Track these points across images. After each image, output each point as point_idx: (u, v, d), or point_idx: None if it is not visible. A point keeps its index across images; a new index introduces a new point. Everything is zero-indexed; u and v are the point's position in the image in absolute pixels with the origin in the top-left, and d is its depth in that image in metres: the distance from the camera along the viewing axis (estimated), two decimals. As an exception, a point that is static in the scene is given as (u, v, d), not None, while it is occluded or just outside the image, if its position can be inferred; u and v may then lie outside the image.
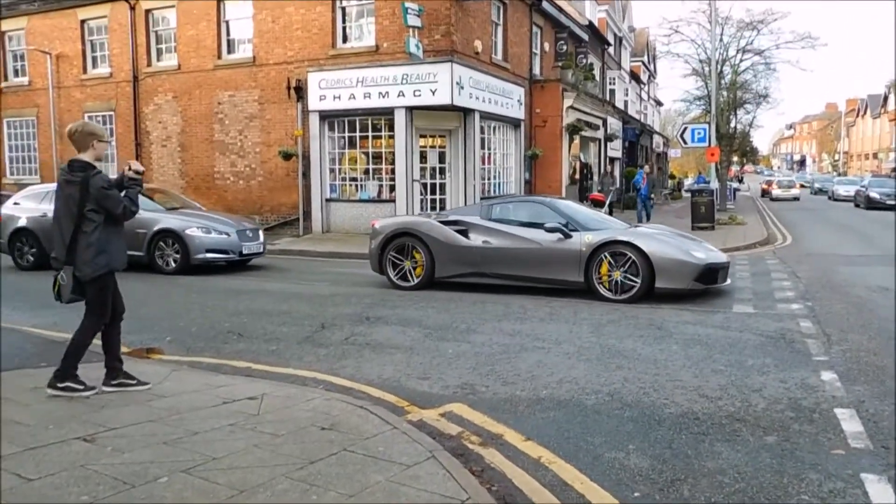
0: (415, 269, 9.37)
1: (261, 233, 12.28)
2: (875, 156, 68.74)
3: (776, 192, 42.73)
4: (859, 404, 4.53)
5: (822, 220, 23.94)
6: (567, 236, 8.65)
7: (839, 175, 62.30)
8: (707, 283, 8.39)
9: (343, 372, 5.45)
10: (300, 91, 17.56)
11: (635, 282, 8.18)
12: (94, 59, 21.23)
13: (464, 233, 9.32)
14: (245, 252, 11.63)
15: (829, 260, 12.33)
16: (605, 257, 8.36)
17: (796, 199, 41.08)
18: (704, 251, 8.73)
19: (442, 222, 9.46)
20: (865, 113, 73.44)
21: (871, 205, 29.08)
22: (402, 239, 9.47)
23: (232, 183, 19.14)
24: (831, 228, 20.38)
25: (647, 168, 22.45)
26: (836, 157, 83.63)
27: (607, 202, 19.69)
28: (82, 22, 21.11)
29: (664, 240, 8.72)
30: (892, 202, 28.25)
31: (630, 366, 5.52)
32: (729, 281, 8.98)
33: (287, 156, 17.53)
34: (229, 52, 19.09)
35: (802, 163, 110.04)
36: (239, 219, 12.78)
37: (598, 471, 3.61)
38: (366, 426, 4.03)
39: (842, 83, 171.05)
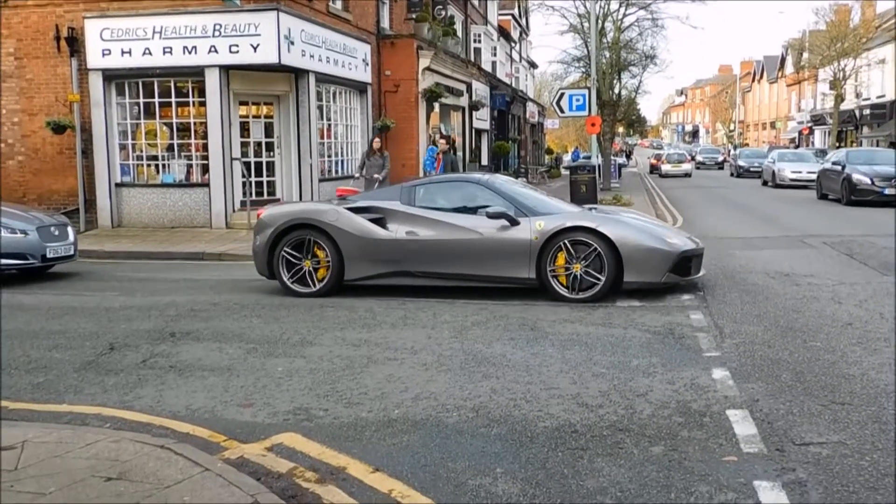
0: (317, 269, 9.09)
1: (70, 230, 11.49)
2: (773, 125, 75.23)
3: (666, 167, 45.99)
4: (753, 403, 4.93)
5: (718, 199, 25.85)
6: (514, 223, 8.58)
7: (738, 146, 67.36)
8: (682, 274, 8.64)
9: (139, 404, 5.24)
10: (74, 43, 16.58)
11: (599, 277, 8.28)
12: None
13: (380, 222, 9.10)
14: (50, 256, 10.86)
15: (724, 244, 13.31)
16: (562, 247, 8.38)
17: (688, 174, 44.42)
18: (678, 236, 9.03)
19: (350, 209, 9.19)
20: (762, 77, 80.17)
21: (858, 196, 20.75)
22: (299, 232, 9.11)
23: (-23, 164, 17.73)
24: (727, 208, 22.05)
25: (442, 143, 17.75)
26: (732, 126, 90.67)
27: None
28: None
29: (633, 224, 8.91)
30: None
31: (499, 374, 5.68)
32: (703, 272, 9.23)
33: (59, 128, 16.49)
34: (-33, -15, 17.64)
35: (695, 134, 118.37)
36: (37, 211, 11.98)
37: (460, 502, 3.68)
38: (167, 471, 3.88)
39: (736, 43, 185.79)
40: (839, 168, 22.17)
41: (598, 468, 4.02)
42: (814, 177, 27.04)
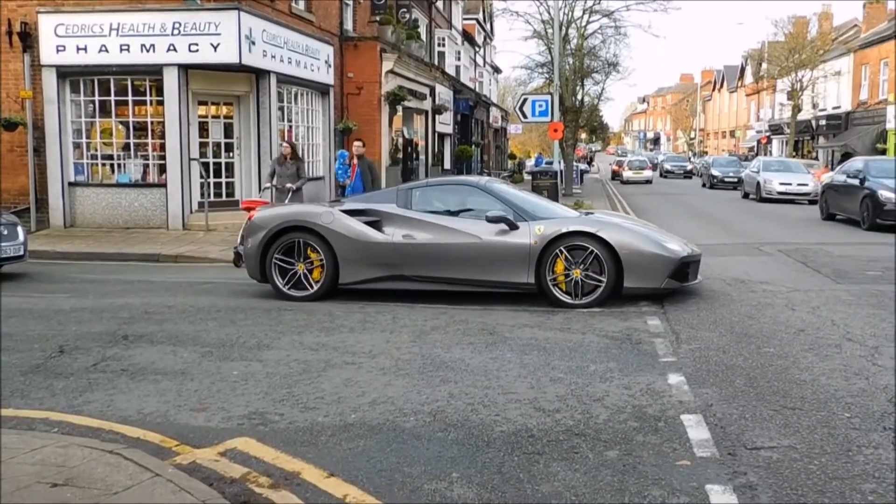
0: (311, 273, 8.95)
1: (20, 230, 11.18)
2: (732, 134, 76.45)
3: (627, 174, 46.50)
4: (707, 408, 5.00)
5: (678, 206, 26.15)
6: (513, 227, 8.56)
7: (699, 154, 68.31)
8: (681, 280, 8.70)
9: (88, 408, 5.17)
10: (27, 38, 16.29)
11: (600, 281, 8.31)
12: None
13: (376, 225, 9.00)
14: None
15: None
16: (561, 252, 8.38)
17: (648, 181, 44.95)
18: (677, 242, 9.09)
19: (346, 212, 9.09)
20: (722, 86, 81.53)
21: (886, 218, 16.30)
22: (292, 235, 8.96)
23: (-77, 162, 17.31)
24: (687, 214, 22.32)
25: (357, 146, 14.57)
26: (693, 134, 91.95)
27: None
28: None
29: (633, 229, 8.98)
30: None
31: (457, 379, 5.70)
32: (700, 278, 9.30)
33: (11, 125, 16.18)
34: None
35: (657, 141, 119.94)
36: None
37: (414, 507, 3.69)
38: (116, 477, 3.82)
39: (697, 52, 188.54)
40: (857, 182, 17.61)
41: (554, 472, 4.04)
42: (804, 189, 25.10)
